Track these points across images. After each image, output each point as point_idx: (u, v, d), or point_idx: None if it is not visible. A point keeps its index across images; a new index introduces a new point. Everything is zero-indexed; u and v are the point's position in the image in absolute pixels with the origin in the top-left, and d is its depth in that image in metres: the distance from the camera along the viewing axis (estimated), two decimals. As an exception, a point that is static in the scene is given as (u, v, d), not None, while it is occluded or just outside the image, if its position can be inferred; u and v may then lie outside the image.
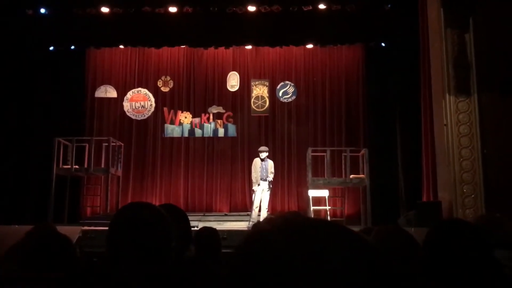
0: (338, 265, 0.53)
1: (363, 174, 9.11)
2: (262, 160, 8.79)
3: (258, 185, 8.65)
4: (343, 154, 9.63)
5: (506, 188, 6.64)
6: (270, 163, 8.87)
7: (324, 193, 9.11)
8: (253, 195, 8.76)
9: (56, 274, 1.81)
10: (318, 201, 9.35)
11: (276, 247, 0.54)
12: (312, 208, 8.99)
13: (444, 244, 1.47)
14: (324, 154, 9.61)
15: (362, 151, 9.32)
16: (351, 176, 9.22)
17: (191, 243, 1.98)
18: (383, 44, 10.62)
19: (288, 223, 0.58)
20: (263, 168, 8.73)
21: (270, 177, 8.76)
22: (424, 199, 8.55)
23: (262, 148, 9.04)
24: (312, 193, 9.07)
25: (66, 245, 2.32)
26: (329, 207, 9.29)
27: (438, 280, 1.43)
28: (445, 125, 7.23)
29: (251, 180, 8.95)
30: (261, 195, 8.67)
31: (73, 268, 1.90)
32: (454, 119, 7.19)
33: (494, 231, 2.14)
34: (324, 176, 9.44)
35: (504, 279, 1.36)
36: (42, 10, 9.69)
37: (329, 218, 9.05)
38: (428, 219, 6.74)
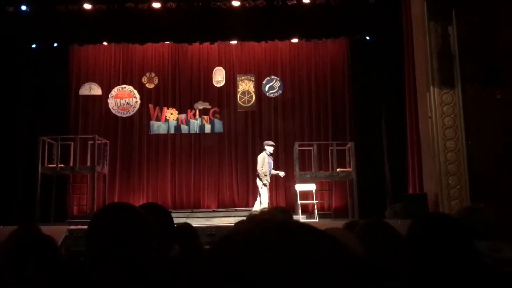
0: (310, 268, 0.52)
1: (350, 167, 9.17)
2: (270, 155, 8.90)
3: (267, 180, 8.78)
4: (330, 148, 9.70)
5: (490, 178, 6.72)
6: (271, 160, 9.04)
7: (311, 187, 9.15)
8: (265, 189, 8.79)
9: (37, 275, 1.79)
10: (306, 195, 9.38)
11: (248, 250, 0.54)
12: (299, 202, 9.02)
13: (424, 238, 1.49)
14: (311, 148, 9.65)
15: (349, 145, 9.38)
16: (338, 169, 9.27)
17: (175, 242, 1.97)
18: (367, 38, 10.65)
19: (260, 225, 0.58)
20: (270, 163, 8.88)
21: (274, 172, 9.05)
22: (410, 191, 8.63)
23: (272, 142, 9.09)
24: (299, 187, 9.10)
25: (49, 246, 2.30)
26: (316, 201, 9.33)
27: (419, 273, 1.44)
28: (429, 117, 7.28)
29: (260, 175, 8.86)
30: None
31: (55, 269, 1.88)
32: (438, 111, 7.24)
33: (476, 222, 2.16)
34: (311, 170, 9.48)
35: (483, 270, 1.38)
36: (23, 8, 9.53)
37: (316, 212, 9.09)
38: (415, 211, 6.81)
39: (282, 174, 9.27)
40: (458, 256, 1.39)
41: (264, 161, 8.82)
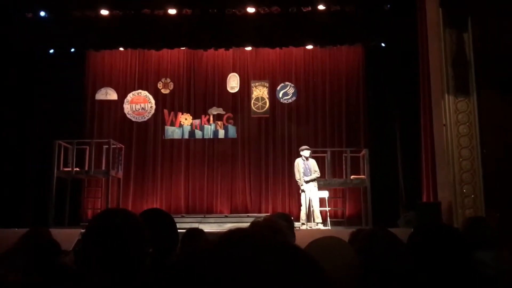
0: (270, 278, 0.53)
1: (364, 174, 9.10)
2: (306, 159, 8.81)
3: (302, 185, 8.69)
4: (344, 154, 9.64)
5: (505, 187, 6.61)
6: (312, 162, 8.90)
7: (324, 194, 9.09)
8: (302, 195, 8.76)
9: (34, 279, 1.81)
10: (319, 202, 9.32)
11: (211, 263, 0.56)
12: (313, 209, 8.96)
13: (423, 247, 1.47)
14: (325, 155, 9.61)
15: (363, 152, 9.32)
16: (352, 176, 9.21)
17: (177, 246, 1.98)
18: (383, 45, 10.58)
19: (225, 237, 0.59)
20: (306, 167, 8.77)
21: (314, 175, 8.80)
22: (424, 199, 8.52)
23: (305, 147, 9.01)
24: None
25: (53, 251, 2.32)
26: (329, 208, 9.27)
27: (418, 282, 1.42)
28: (444, 125, 7.20)
29: (296, 181, 8.92)
30: (310, 195, 8.69)
31: (57, 273, 1.90)
32: (453, 119, 7.16)
33: (479, 233, 2.13)
34: (324, 177, 9.43)
35: (482, 281, 1.36)
36: (42, 13, 9.70)
37: (329, 219, 9.04)
38: (428, 219, 6.72)
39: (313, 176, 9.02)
40: (455, 267, 1.37)
41: (298, 167, 8.78)
